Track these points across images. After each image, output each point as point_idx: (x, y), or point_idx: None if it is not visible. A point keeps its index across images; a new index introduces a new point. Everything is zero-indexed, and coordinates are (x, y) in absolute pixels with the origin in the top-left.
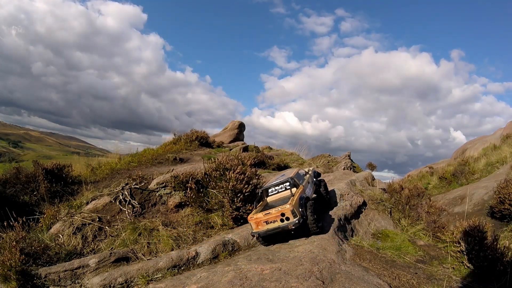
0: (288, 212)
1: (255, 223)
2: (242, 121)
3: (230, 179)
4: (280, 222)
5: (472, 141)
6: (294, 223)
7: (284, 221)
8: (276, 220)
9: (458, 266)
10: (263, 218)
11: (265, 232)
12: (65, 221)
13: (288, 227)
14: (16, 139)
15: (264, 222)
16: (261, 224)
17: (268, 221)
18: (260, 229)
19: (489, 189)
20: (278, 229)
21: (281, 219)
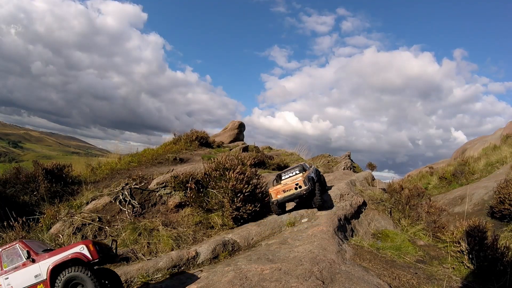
0: (300, 181)
1: (274, 192)
2: (242, 121)
3: (230, 179)
4: (295, 190)
5: (472, 141)
6: (306, 189)
7: (297, 189)
8: (291, 189)
9: (458, 266)
10: (281, 187)
11: (283, 199)
12: (65, 221)
13: (301, 193)
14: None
15: (282, 191)
16: (279, 193)
17: (285, 190)
18: (278, 197)
19: (489, 189)
20: (293, 195)
21: (295, 187)
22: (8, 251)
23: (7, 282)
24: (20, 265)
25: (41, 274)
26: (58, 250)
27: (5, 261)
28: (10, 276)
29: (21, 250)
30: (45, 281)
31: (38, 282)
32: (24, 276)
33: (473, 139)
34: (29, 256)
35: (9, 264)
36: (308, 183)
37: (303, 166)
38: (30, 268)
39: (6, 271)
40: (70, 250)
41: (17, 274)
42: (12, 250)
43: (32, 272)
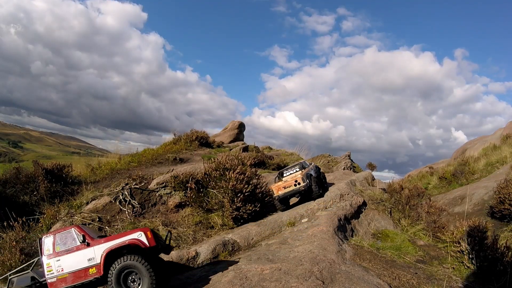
0: (299, 178)
1: (276, 189)
2: (242, 121)
3: (230, 179)
4: (294, 186)
5: (472, 141)
6: (304, 186)
7: (296, 185)
8: (291, 185)
9: (458, 266)
10: (282, 184)
11: (284, 195)
12: (65, 221)
13: (299, 189)
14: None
15: (282, 188)
16: (280, 189)
17: (285, 186)
18: (279, 193)
19: (489, 189)
20: (292, 191)
21: (294, 184)
22: (63, 234)
23: (58, 264)
24: (73, 248)
25: (94, 258)
26: (115, 236)
27: (58, 244)
28: (62, 258)
29: (76, 234)
30: (98, 265)
31: (90, 266)
32: (77, 259)
33: (473, 139)
34: (84, 240)
35: (62, 247)
36: (306, 180)
37: (302, 164)
38: (84, 251)
39: (58, 253)
40: (127, 236)
41: (69, 257)
42: (67, 234)
43: (86, 256)
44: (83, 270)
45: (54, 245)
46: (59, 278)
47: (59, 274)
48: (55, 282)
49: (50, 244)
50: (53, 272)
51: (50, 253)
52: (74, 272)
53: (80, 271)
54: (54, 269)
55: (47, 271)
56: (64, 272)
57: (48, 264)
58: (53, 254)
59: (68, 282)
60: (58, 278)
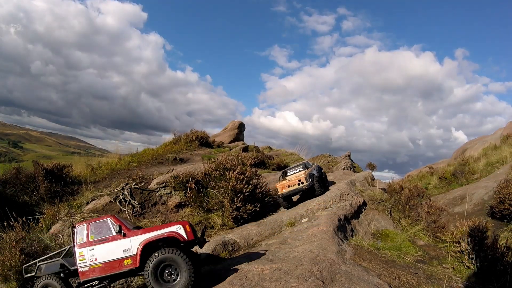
0: (302, 178)
1: (280, 187)
2: (242, 121)
3: (230, 179)
4: (297, 185)
5: (472, 141)
6: (307, 185)
7: (300, 184)
8: (295, 184)
9: (458, 266)
10: (286, 183)
11: (288, 193)
12: (65, 221)
13: (302, 188)
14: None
15: (287, 186)
16: (284, 187)
17: (289, 185)
18: (284, 191)
19: (489, 189)
20: (296, 190)
21: (298, 183)
22: (97, 224)
23: (92, 253)
24: (108, 238)
25: (130, 249)
26: (152, 228)
27: (92, 233)
28: (96, 247)
29: (112, 224)
30: (133, 256)
31: (125, 257)
32: (111, 249)
33: (473, 139)
34: (121, 231)
35: (96, 237)
36: (309, 179)
37: (305, 164)
38: (120, 242)
39: (92, 242)
40: (165, 229)
41: (104, 247)
42: (102, 223)
43: (121, 246)
44: (117, 261)
45: (88, 234)
46: (92, 268)
47: (92, 263)
48: (87, 271)
49: (83, 233)
50: (86, 261)
51: (83, 242)
52: (108, 262)
53: (114, 262)
54: (87, 258)
55: (79, 260)
56: (97, 261)
57: (80, 253)
58: (87, 243)
59: (100, 272)
60: (91, 268)
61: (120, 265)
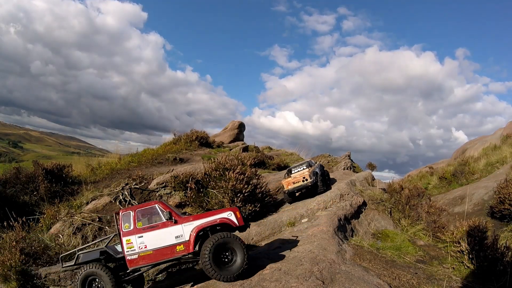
0: (306, 175)
1: (286, 184)
2: (242, 121)
3: (230, 179)
4: (302, 182)
5: (472, 141)
6: (311, 182)
7: (304, 181)
8: (299, 181)
9: (458, 266)
10: (291, 180)
11: (292, 189)
12: (65, 221)
13: (306, 185)
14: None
15: (292, 183)
16: (290, 184)
17: (294, 182)
18: (289, 188)
19: (489, 189)
20: (300, 186)
21: (302, 180)
22: (145, 210)
23: (141, 240)
24: (158, 225)
25: (183, 235)
26: (204, 214)
27: (139, 219)
28: (145, 235)
29: (160, 210)
30: (186, 243)
31: (178, 243)
32: (163, 236)
33: (473, 139)
34: (171, 217)
35: (144, 223)
36: (313, 176)
37: (309, 163)
38: (171, 229)
39: (140, 229)
40: (218, 215)
41: (154, 233)
42: (150, 210)
43: (173, 233)
44: (169, 247)
45: (135, 221)
46: (142, 255)
47: (141, 251)
48: (136, 259)
49: (130, 220)
50: (134, 248)
51: (131, 230)
52: (159, 249)
53: (166, 248)
54: (136, 245)
55: (127, 248)
56: (147, 249)
57: (128, 241)
58: (134, 230)
59: (151, 259)
60: (140, 255)
61: (172, 252)
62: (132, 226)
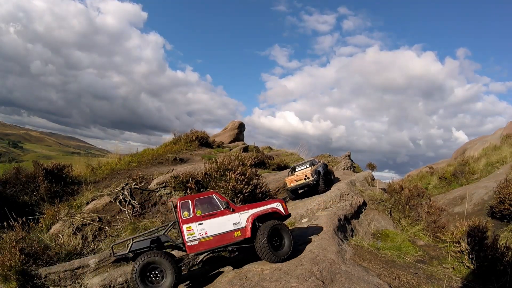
0: (308, 173)
1: (289, 181)
2: (242, 121)
3: (230, 180)
4: (304, 180)
5: (472, 141)
6: (312, 180)
7: (306, 180)
8: (302, 179)
9: (458, 266)
10: (294, 178)
11: (295, 186)
12: (65, 221)
13: (308, 183)
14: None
15: (294, 180)
16: (292, 182)
17: (297, 179)
18: (291, 185)
19: (489, 189)
20: (302, 184)
21: (304, 178)
22: (202, 199)
23: (201, 227)
24: (217, 213)
25: (240, 222)
26: (255, 204)
27: (198, 208)
28: (205, 222)
29: (218, 200)
30: (243, 229)
31: (235, 229)
32: (222, 223)
33: (473, 139)
34: (229, 206)
35: (203, 212)
36: (314, 175)
37: (312, 162)
38: (230, 216)
39: (200, 217)
40: (268, 205)
41: (214, 221)
42: (208, 199)
43: (231, 220)
44: (228, 233)
45: (194, 209)
46: (202, 241)
47: (202, 237)
48: (196, 245)
49: (189, 208)
50: (195, 235)
51: (190, 217)
52: (219, 235)
53: (225, 234)
54: (196, 232)
55: (188, 235)
56: (208, 235)
57: (188, 228)
58: (194, 218)
59: (211, 244)
60: (201, 241)
61: (230, 238)
62: (192, 214)
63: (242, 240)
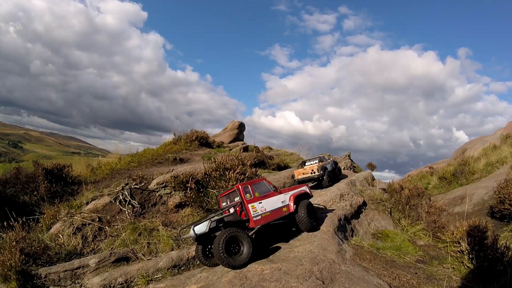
0: (315, 168)
1: (297, 173)
2: (242, 121)
3: (230, 179)
4: (310, 174)
5: (472, 141)
6: (318, 175)
7: (312, 174)
8: (308, 173)
9: (458, 266)
10: (302, 171)
11: (302, 179)
12: (65, 221)
13: (313, 177)
14: (16, 139)
15: (302, 173)
16: (300, 174)
17: (304, 173)
18: (299, 177)
19: (489, 189)
20: (308, 177)
21: (311, 172)
22: (257, 184)
23: (261, 206)
24: (269, 194)
25: (285, 201)
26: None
27: (256, 190)
28: (263, 201)
29: (267, 184)
30: (288, 205)
31: (283, 206)
32: (274, 201)
33: (473, 139)
34: (276, 189)
35: (260, 193)
36: (320, 170)
37: (321, 158)
38: (278, 196)
39: (259, 198)
40: (300, 188)
41: (269, 200)
42: (261, 184)
43: (280, 199)
44: (279, 209)
45: (253, 192)
46: (263, 216)
47: (263, 213)
48: (259, 219)
49: (250, 192)
50: (258, 211)
51: (252, 198)
52: (273, 210)
53: (277, 210)
54: (258, 209)
55: (253, 211)
56: (266, 211)
57: (252, 206)
58: (254, 198)
59: (268, 218)
60: (262, 216)
61: (280, 212)
62: (252, 195)
63: (288, 214)
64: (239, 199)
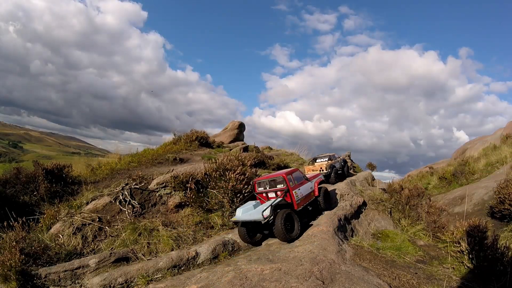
0: (324, 166)
1: (307, 170)
2: (242, 121)
3: (230, 179)
4: (319, 171)
5: (472, 141)
6: (325, 173)
7: (321, 171)
8: (317, 170)
9: (458, 266)
10: (312, 167)
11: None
12: (65, 221)
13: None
14: (16, 139)
15: (311, 170)
16: (310, 171)
17: (313, 169)
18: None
19: (489, 189)
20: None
21: (319, 169)
22: (294, 174)
23: (300, 191)
24: (303, 182)
25: (312, 187)
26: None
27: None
28: (301, 187)
29: (300, 173)
30: (313, 190)
31: (312, 191)
32: (307, 187)
33: (473, 139)
34: (306, 178)
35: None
36: (329, 169)
37: (331, 157)
38: (308, 183)
39: (298, 185)
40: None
41: (303, 186)
42: (297, 173)
43: (309, 186)
44: (310, 194)
45: (294, 180)
46: (302, 199)
47: (302, 197)
48: (300, 202)
49: (291, 180)
50: (298, 196)
51: (294, 185)
52: (307, 195)
53: (309, 194)
54: (299, 194)
55: (296, 197)
56: (303, 195)
57: (295, 192)
58: (295, 186)
59: (304, 201)
60: (302, 200)
61: (311, 196)
62: (294, 183)
63: (315, 198)
64: (284, 186)
